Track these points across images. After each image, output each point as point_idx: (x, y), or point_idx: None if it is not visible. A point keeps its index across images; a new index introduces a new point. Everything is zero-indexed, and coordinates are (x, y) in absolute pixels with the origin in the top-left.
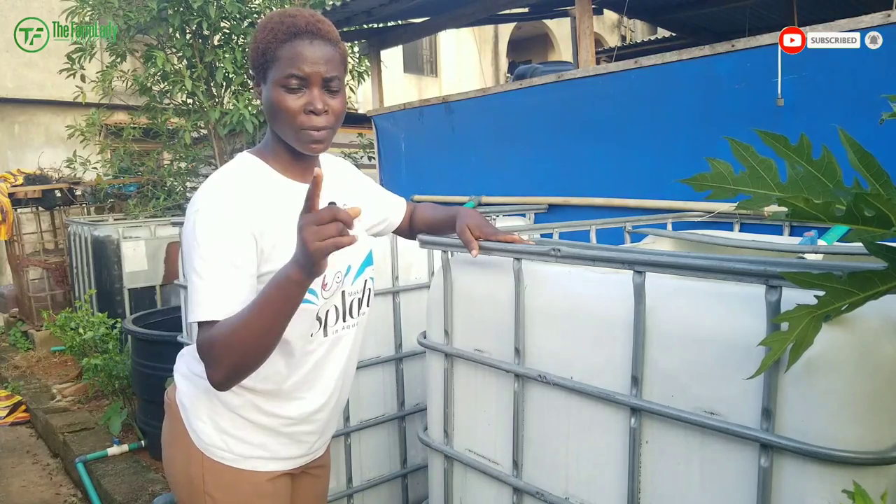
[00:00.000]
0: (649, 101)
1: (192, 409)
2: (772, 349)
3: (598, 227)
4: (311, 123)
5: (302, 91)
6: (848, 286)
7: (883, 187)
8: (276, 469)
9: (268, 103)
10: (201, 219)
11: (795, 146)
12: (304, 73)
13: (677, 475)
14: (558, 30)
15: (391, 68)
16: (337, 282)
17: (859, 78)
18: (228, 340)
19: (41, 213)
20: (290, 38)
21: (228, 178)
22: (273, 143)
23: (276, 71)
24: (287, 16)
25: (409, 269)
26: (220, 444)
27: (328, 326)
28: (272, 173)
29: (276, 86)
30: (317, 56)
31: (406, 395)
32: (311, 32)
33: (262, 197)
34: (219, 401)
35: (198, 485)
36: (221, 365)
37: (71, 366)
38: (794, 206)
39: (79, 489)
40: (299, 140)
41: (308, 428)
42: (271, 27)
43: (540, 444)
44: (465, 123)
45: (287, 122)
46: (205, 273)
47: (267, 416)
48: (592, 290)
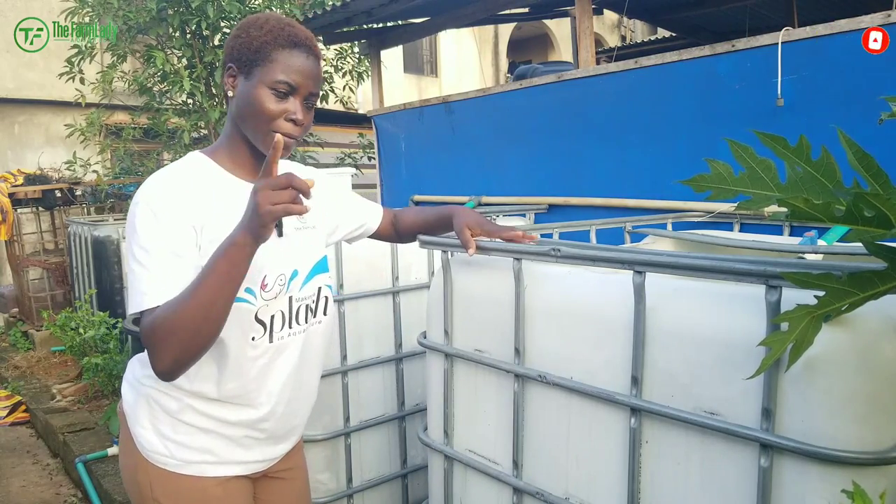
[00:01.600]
0: (649, 101)
1: (133, 417)
2: (772, 349)
3: (598, 227)
4: (286, 130)
5: (286, 98)
6: (848, 286)
7: (882, 187)
8: (226, 473)
9: (245, 99)
10: (141, 210)
11: (794, 147)
12: (296, 83)
13: (677, 475)
14: (558, 30)
15: (391, 68)
16: (280, 284)
17: (859, 78)
18: (172, 318)
19: (41, 213)
20: (291, 47)
21: (172, 173)
22: (230, 141)
23: (267, 72)
24: (287, 24)
25: (409, 269)
26: (163, 450)
27: (273, 332)
28: (220, 171)
29: (263, 86)
30: (310, 70)
31: (406, 395)
32: (308, 47)
33: (206, 192)
34: (158, 406)
35: (146, 492)
36: (167, 348)
37: (71, 366)
38: (793, 206)
39: (79, 489)
40: (268, 143)
41: (255, 434)
42: (271, 28)
43: (540, 444)
44: (465, 123)
45: (263, 123)
46: (147, 262)
47: (207, 419)
48: (592, 290)
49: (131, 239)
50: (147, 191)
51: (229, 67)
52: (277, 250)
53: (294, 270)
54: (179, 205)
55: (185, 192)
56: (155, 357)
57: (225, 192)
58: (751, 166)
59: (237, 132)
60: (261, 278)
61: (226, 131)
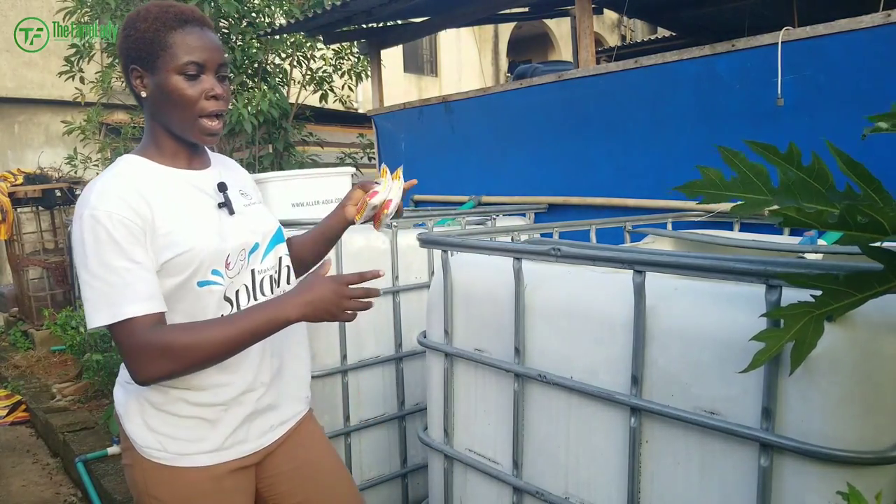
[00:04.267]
0: (649, 101)
1: (125, 415)
2: (766, 345)
3: (597, 226)
4: (211, 108)
5: (198, 78)
6: (846, 287)
7: (875, 192)
8: (221, 460)
9: (162, 92)
10: (88, 224)
11: (785, 154)
12: (202, 60)
13: (677, 475)
14: (558, 29)
15: (391, 68)
16: (241, 260)
17: (860, 78)
18: (195, 344)
19: (41, 212)
20: (181, 25)
21: (110, 182)
22: (154, 137)
23: (168, 58)
24: (168, 6)
25: (409, 268)
26: (155, 443)
27: (240, 307)
28: (154, 166)
29: (172, 73)
30: (210, 43)
31: (406, 394)
32: (198, 20)
33: (147, 189)
34: (146, 401)
35: (142, 488)
36: (176, 362)
37: (71, 365)
38: (785, 215)
39: (79, 488)
40: (197, 129)
41: (242, 410)
42: (155, 16)
43: (540, 444)
44: (465, 123)
45: (186, 110)
46: (106, 275)
47: (193, 405)
48: (592, 289)
49: (84, 254)
50: (90, 203)
51: (133, 70)
52: (234, 227)
53: (255, 244)
54: (125, 212)
55: (125, 195)
56: (151, 366)
57: (164, 183)
58: (742, 171)
59: (158, 126)
60: (224, 258)
61: (147, 131)
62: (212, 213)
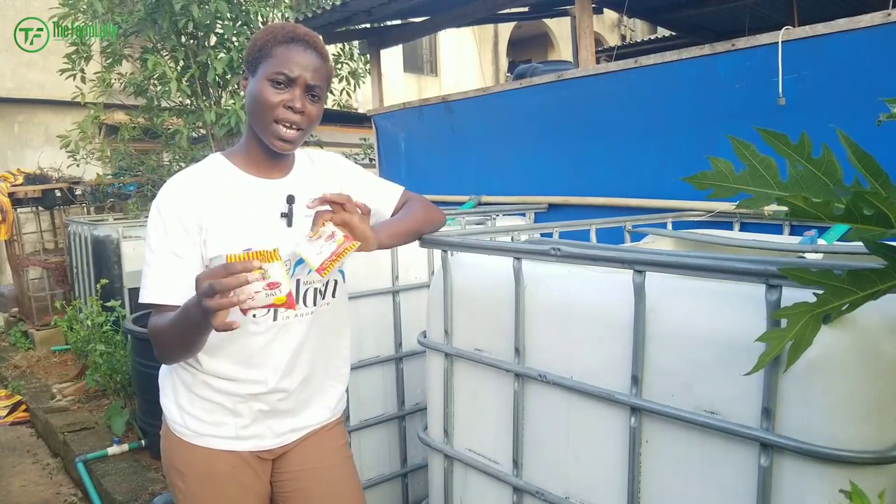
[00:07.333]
0: (649, 101)
1: (162, 389)
2: (769, 346)
3: (598, 226)
4: (286, 117)
5: (286, 89)
6: (847, 285)
7: (882, 186)
8: (235, 448)
9: (251, 94)
10: (152, 212)
11: (795, 145)
12: (294, 74)
13: (677, 474)
14: (558, 29)
15: (391, 68)
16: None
17: (860, 77)
18: (156, 335)
19: (41, 212)
20: (288, 42)
21: (184, 176)
22: (246, 140)
23: (266, 66)
24: (289, 25)
25: (408, 268)
26: (179, 419)
27: (278, 311)
28: (234, 170)
29: (264, 79)
30: (307, 62)
31: (406, 394)
32: (306, 42)
33: (215, 191)
34: (178, 378)
35: (167, 459)
36: (155, 348)
37: (71, 365)
38: (793, 204)
39: (79, 489)
40: (270, 133)
41: (259, 407)
42: (272, 30)
43: (540, 444)
44: (465, 123)
45: (264, 113)
46: (151, 261)
47: (216, 391)
48: (592, 289)
49: (147, 237)
50: (160, 193)
51: (243, 73)
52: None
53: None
54: (184, 206)
55: (191, 192)
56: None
57: (235, 189)
58: (752, 164)
59: (250, 131)
60: None
61: (245, 132)
62: (271, 223)
